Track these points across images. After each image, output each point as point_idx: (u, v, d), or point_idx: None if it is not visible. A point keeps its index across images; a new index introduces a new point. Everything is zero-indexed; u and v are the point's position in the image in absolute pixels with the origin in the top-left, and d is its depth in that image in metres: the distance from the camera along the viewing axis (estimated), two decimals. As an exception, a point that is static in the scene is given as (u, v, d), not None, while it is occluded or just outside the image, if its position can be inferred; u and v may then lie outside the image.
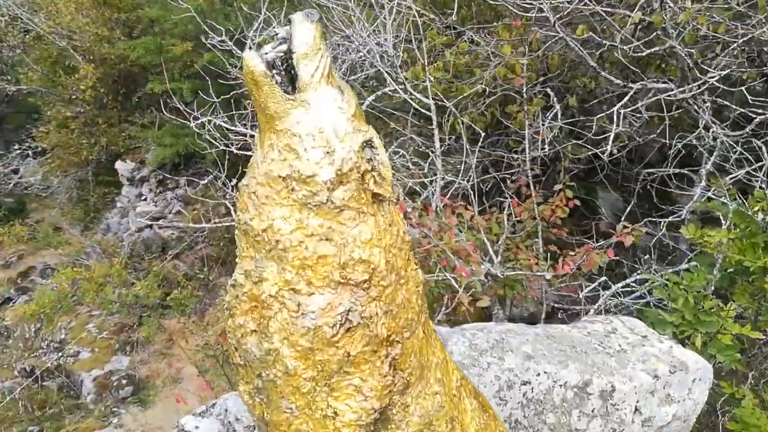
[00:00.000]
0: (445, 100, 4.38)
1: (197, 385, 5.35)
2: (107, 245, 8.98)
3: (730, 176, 4.02)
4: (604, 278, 3.95)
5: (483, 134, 4.47)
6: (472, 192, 4.23)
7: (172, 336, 6.97)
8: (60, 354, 7.26)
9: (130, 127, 9.21)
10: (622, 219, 5.02)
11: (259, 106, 1.21)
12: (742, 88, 3.69)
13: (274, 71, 1.20)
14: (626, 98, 3.94)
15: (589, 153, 4.56)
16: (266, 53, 1.20)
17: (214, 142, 4.51)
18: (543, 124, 4.40)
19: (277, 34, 1.22)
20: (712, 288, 2.95)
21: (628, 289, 4.10)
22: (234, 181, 3.94)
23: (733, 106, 4.23)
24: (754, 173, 3.87)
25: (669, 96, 3.82)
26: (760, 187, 3.65)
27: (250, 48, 3.90)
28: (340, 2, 4.39)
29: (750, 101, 3.95)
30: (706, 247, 2.86)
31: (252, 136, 4.08)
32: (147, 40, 8.22)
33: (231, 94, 4.51)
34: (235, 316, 1.34)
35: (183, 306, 6.73)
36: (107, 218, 9.86)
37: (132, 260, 8.71)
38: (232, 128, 4.00)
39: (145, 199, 9.79)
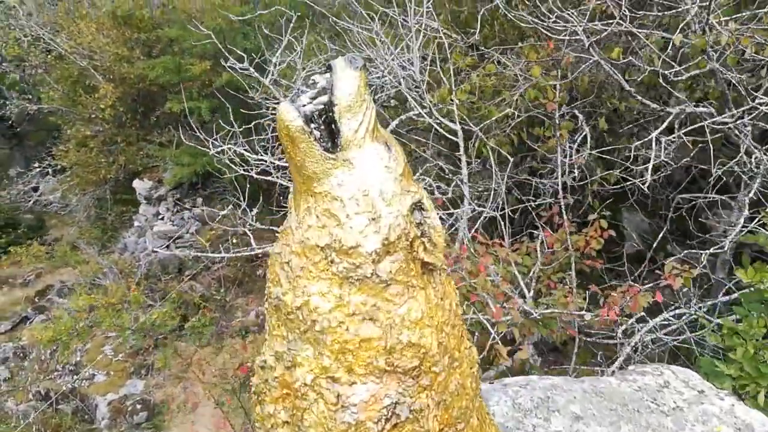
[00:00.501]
0: (470, 124, 4.21)
1: (214, 421, 5.18)
2: (124, 265, 8.92)
3: (775, 205, 3.80)
4: (641, 313, 3.73)
5: (511, 160, 4.29)
6: (501, 220, 4.04)
7: (188, 360, 6.84)
8: (75, 377, 7.17)
9: (148, 146, 9.19)
10: (654, 246, 4.82)
11: (295, 165, 1.05)
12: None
13: (313, 125, 1.04)
14: (664, 125, 3.75)
15: (619, 176, 4.37)
16: (304, 105, 1.04)
17: (233, 166, 4.38)
18: (573, 148, 4.21)
19: (315, 82, 1.06)
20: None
21: (664, 322, 3.88)
22: (255, 210, 3.80)
23: (775, 130, 4.02)
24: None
25: (714, 122, 3.60)
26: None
27: (273, 74, 3.77)
28: (364, 25, 4.25)
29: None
30: (765, 293, 2.64)
31: (273, 165, 3.94)
32: (166, 59, 8.21)
33: (252, 122, 4.37)
34: (265, 403, 1.17)
35: (200, 334, 6.59)
36: (124, 237, 9.81)
37: (148, 281, 8.64)
38: (252, 156, 3.86)
39: (162, 218, 9.73)
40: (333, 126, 1.05)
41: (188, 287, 8.48)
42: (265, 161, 4.12)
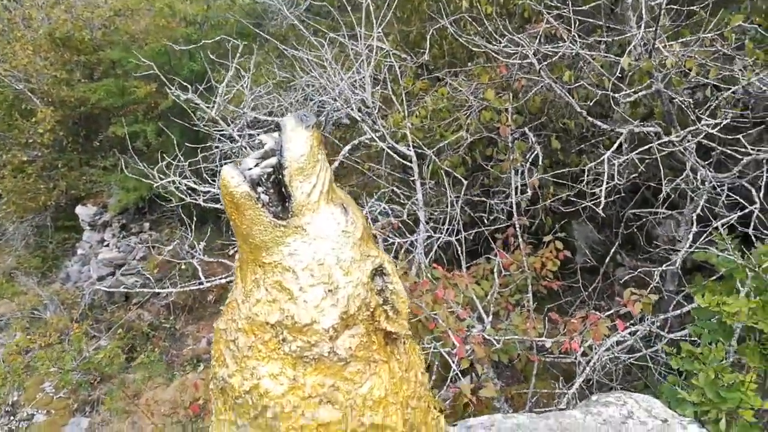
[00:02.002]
0: (424, 148, 4.18)
1: (164, 459, 4.94)
2: (66, 296, 8.49)
3: (721, 220, 3.89)
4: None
5: (465, 182, 4.27)
6: (457, 244, 4.01)
7: (135, 397, 6.52)
8: (12, 418, 6.75)
9: (92, 171, 8.83)
10: (606, 260, 4.89)
11: (241, 234, 0.95)
12: (740, 136, 3.56)
13: (260, 189, 0.94)
14: (615, 145, 3.79)
15: (571, 194, 4.41)
16: (249, 168, 0.94)
17: (179, 194, 4.21)
18: (525, 167, 4.23)
19: (261, 143, 0.97)
20: (731, 360, 2.76)
21: (620, 338, 3.91)
22: (203, 243, 3.65)
23: (717, 147, 4.13)
24: (748, 216, 3.74)
25: (662, 143, 3.67)
26: (755, 236, 3.51)
27: (219, 105, 3.65)
28: (314, 53, 4.17)
29: (735, 140, 3.85)
30: (724, 317, 2.66)
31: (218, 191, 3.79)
32: (108, 82, 7.94)
33: (198, 145, 4.23)
34: (213, 495, 1.05)
35: (149, 369, 6.31)
36: (67, 266, 9.36)
37: (93, 311, 8.25)
38: (198, 187, 3.71)
39: (108, 245, 9.34)
40: (283, 190, 0.95)
41: (136, 316, 8.14)
42: (212, 190, 3.97)
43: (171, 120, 5.81)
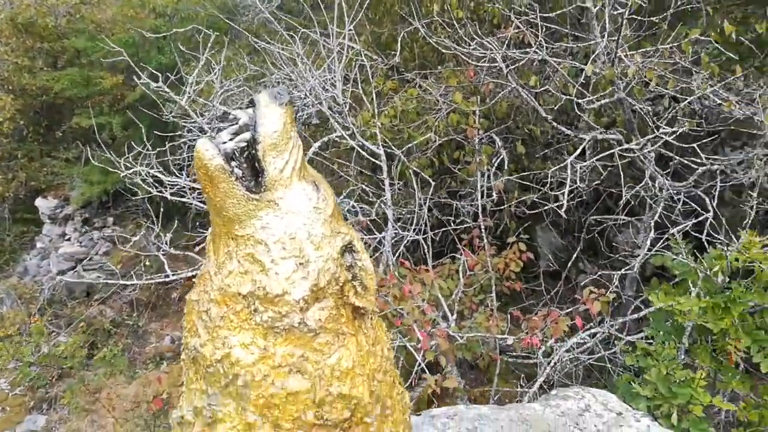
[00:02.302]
0: (393, 148, 4.23)
1: (124, 448, 4.86)
2: (24, 290, 8.27)
3: (677, 227, 4.04)
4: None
5: (433, 184, 4.34)
6: (424, 245, 4.07)
7: (97, 391, 6.39)
8: (-36, 416, 6.54)
9: (53, 162, 8.63)
10: (568, 265, 5.02)
11: (214, 206, 0.97)
12: (695, 145, 3.72)
13: (234, 164, 0.97)
14: (579, 150, 3.91)
15: (535, 198, 4.52)
16: (224, 142, 0.97)
17: (146, 187, 4.17)
18: (491, 171, 4.32)
19: (236, 118, 1.00)
20: (683, 357, 2.87)
21: (580, 341, 4.03)
22: (169, 235, 3.62)
23: (675, 156, 4.29)
24: (702, 223, 3.90)
25: (623, 150, 3.80)
26: (708, 242, 3.66)
27: (189, 94, 3.63)
28: (286, 47, 4.18)
29: (692, 150, 4.02)
30: (675, 316, 2.78)
31: (191, 188, 3.78)
32: (73, 71, 7.77)
33: (166, 139, 4.19)
34: (181, 463, 1.07)
35: (111, 364, 6.19)
36: (25, 260, 9.11)
37: (53, 306, 8.04)
38: (166, 178, 3.68)
39: (69, 239, 9.13)
40: (256, 165, 0.98)
41: (97, 312, 7.97)
42: (180, 183, 3.94)
43: (138, 113, 5.73)
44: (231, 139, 0.98)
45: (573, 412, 2.32)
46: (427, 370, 2.78)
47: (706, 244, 3.71)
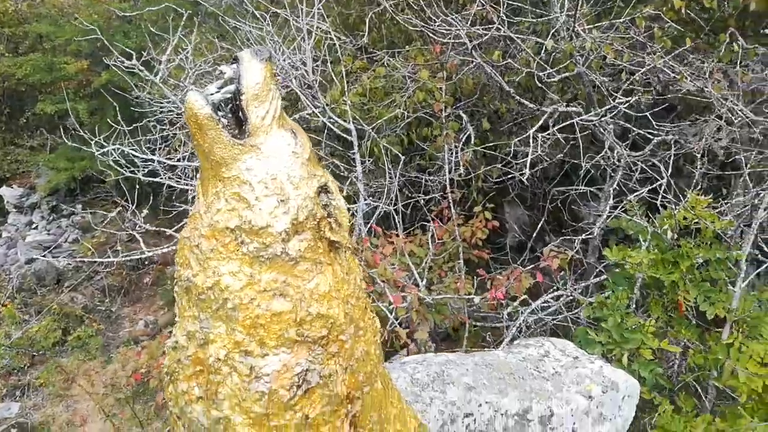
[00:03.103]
0: (363, 124, 4.35)
1: (102, 429, 4.92)
2: (-9, 279, 8.19)
3: (634, 194, 4.27)
4: (524, 296, 4.05)
5: (402, 158, 4.48)
6: (395, 214, 4.22)
7: (71, 376, 6.41)
8: (-64, 404, 6.49)
9: (17, 150, 8.51)
10: (533, 236, 5.23)
11: (203, 152, 1.10)
12: (647, 113, 3.92)
13: (220, 113, 1.10)
14: (540, 122, 4.09)
15: (500, 172, 4.70)
16: (211, 94, 1.09)
17: (118, 168, 4.22)
18: (460, 148, 4.48)
19: (222, 73, 1.12)
20: (634, 306, 3.09)
21: (545, 304, 4.24)
22: (144, 212, 3.69)
23: (633, 128, 4.50)
24: (655, 191, 4.13)
25: (582, 120, 3.99)
26: (662, 206, 3.89)
27: (162, 71, 3.69)
28: (255, 25, 4.26)
29: (648, 123, 4.24)
30: (628, 267, 2.99)
31: (160, 162, 3.85)
32: (35, 57, 7.65)
33: (135, 123, 4.23)
34: (178, 381, 1.20)
35: (85, 346, 6.20)
36: (-9, 249, 9.00)
37: (22, 294, 7.99)
38: (139, 156, 3.74)
39: (37, 228, 9.04)
40: (240, 114, 1.11)
41: (69, 299, 7.95)
42: (153, 161, 4.00)
43: (105, 98, 5.72)
44: (218, 92, 1.11)
45: (533, 358, 2.51)
46: (399, 326, 2.94)
47: (661, 209, 3.95)
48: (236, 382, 1.13)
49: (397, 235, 3.41)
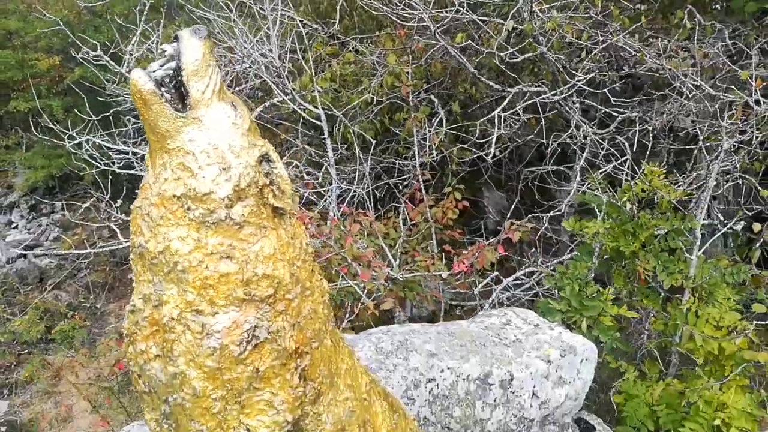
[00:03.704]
0: (334, 110, 4.42)
1: (91, 422, 4.98)
2: (-28, 280, 8.16)
3: (600, 170, 4.39)
4: (495, 273, 4.16)
5: (374, 142, 4.56)
6: (367, 199, 4.31)
7: (58, 372, 6.44)
8: None
9: (-8, 150, 8.47)
10: (508, 216, 5.34)
11: (149, 126, 1.17)
12: (605, 90, 4.04)
13: (163, 89, 1.17)
14: (505, 102, 4.19)
15: (474, 156, 4.79)
16: (154, 71, 1.17)
17: (93, 162, 4.27)
18: (430, 131, 4.57)
19: (164, 51, 1.19)
20: (593, 275, 3.21)
21: (518, 282, 4.36)
22: (119, 202, 3.74)
23: (598, 106, 4.62)
24: (619, 167, 4.26)
25: (543, 99, 4.10)
26: (626, 180, 4.02)
27: (129, 63, 3.73)
28: (222, 14, 4.30)
29: (612, 101, 4.35)
30: (585, 238, 3.11)
31: (135, 154, 3.90)
32: (6, 54, 7.61)
33: (110, 111, 4.28)
34: (136, 342, 1.29)
35: (70, 339, 6.24)
36: (-29, 250, 8.96)
37: (4, 294, 7.98)
38: (113, 147, 3.79)
39: (16, 227, 9.02)
40: (182, 89, 1.19)
41: (53, 297, 7.95)
42: (127, 153, 4.05)
43: (79, 95, 5.73)
44: (160, 68, 1.19)
45: (495, 326, 2.62)
46: (367, 299, 3.04)
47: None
48: (189, 339, 1.22)
49: (366, 214, 3.50)
